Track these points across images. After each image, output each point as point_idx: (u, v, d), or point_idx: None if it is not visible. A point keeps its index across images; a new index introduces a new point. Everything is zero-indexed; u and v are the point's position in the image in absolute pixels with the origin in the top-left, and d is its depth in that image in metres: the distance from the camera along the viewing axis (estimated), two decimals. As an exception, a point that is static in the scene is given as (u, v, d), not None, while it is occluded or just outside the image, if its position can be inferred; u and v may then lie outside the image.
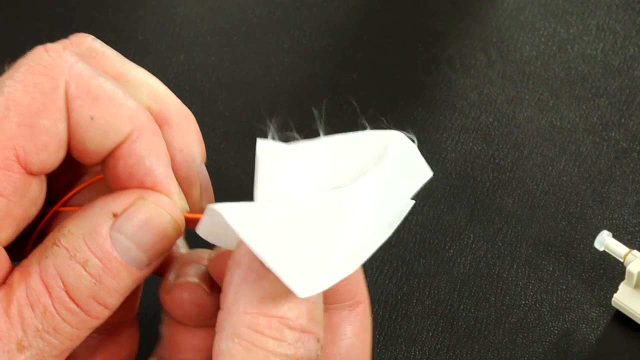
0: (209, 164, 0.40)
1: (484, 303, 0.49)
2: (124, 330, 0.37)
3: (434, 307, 0.49)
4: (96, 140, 0.34)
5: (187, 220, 0.36)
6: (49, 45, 0.33)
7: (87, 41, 0.36)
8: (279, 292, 0.30)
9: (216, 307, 0.32)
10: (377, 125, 0.33)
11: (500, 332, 0.48)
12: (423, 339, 0.47)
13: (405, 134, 0.32)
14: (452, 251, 0.51)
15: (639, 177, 0.54)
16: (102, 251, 0.32)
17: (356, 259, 0.30)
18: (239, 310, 0.30)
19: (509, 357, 0.47)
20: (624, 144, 0.56)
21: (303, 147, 0.33)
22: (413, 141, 0.32)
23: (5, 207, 0.32)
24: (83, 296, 0.32)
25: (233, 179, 0.55)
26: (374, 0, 0.66)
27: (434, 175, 0.39)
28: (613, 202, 0.53)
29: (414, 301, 0.49)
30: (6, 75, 0.33)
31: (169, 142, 0.36)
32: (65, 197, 0.36)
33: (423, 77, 0.60)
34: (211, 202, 0.37)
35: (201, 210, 0.36)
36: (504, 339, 0.47)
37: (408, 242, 0.51)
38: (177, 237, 0.34)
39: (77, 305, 0.32)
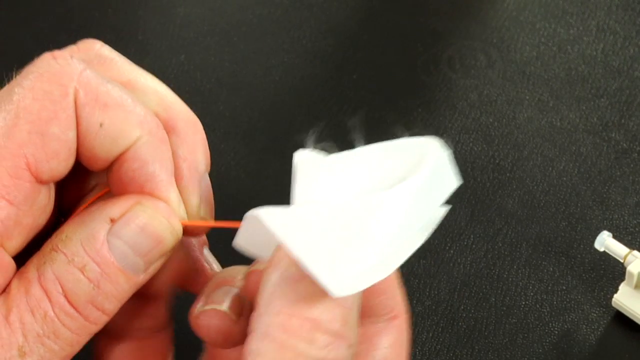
0: (208, 164, 0.40)
1: (484, 303, 0.49)
2: (156, 335, 0.37)
3: (434, 307, 0.49)
4: (105, 146, 0.34)
5: (186, 229, 0.36)
6: (57, 53, 0.34)
7: (95, 47, 0.36)
8: (315, 295, 0.29)
9: (245, 332, 0.31)
10: (381, 127, 0.34)
11: (501, 332, 0.48)
12: (423, 339, 0.47)
13: (439, 141, 0.32)
14: (452, 252, 0.51)
15: (639, 178, 0.54)
16: (99, 256, 0.32)
17: (391, 263, 0.30)
18: (272, 312, 0.29)
19: (509, 357, 0.47)
20: (624, 145, 0.56)
21: (340, 157, 0.33)
22: (446, 149, 0.32)
23: (15, 217, 0.32)
24: (81, 301, 0.32)
25: (233, 179, 0.55)
26: (374, 1, 0.66)
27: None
28: (613, 203, 0.53)
29: (414, 302, 0.49)
30: (14, 82, 0.33)
31: (174, 150, 0.36)
32: (79, 210, 0.36)
33: (423, 77, 0.60)
34: (211, 212, 0.37)
35: (199, 220, 0.36)
36: (504, 339, 0.47)
37: (408, 242, 0.51)
38: (175, 243, 0.34)
39: (76, 310, 0.32)
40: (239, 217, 0.43)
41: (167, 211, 0.34)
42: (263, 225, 0.29)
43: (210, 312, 0.34)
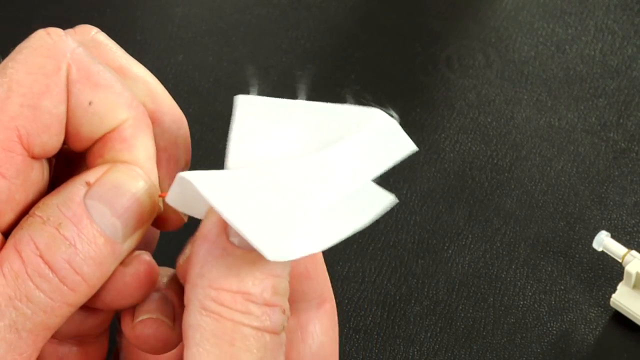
0: (207, 165, 0.40)
1: (482, 303, 0.49)
2: (95, 340, 0.37)
3: (432, 307, 0.49)
4: (92, 125, 0.34)
5: (161, 220, 0.35)
6: (51, 29, 0.34)
7: (91, 32, 0.37)
8: (243, 268, 0.30)
9: (180, 337, 0.32)
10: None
11: (499, 332, 0.48)
12: (421, 339, 0.47)
13: (385, 111, 0.32)
14: (450, 251, 0.51)
15: (637, 178, 0.54)
16: (75, 216, 0.32)
17: (330, 236, 0.30)
18: (205, 285, 0.30)
19: (508, 357, 0.47)
20: (623, 145, 0.56)
21: (282, 106, 0.32)
22: (393, 117, 0.32)
23: (7, 190, 0.32)
24: (57, 259, 0.31)
25: (231, 179, 0.55)
26: (372, 1, 0.66)
27: (431, 175, 0.39)
28: (611, 203, 0.53)
29: (413, 301, 0.49)
30: (8, 57, 0.33)
31: (156, 140, 0.36)
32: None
33: (421, 77, 0.60)
34: None
35: (172, 212, 0.36)
36: (503, 339, 0.47)
37: (406, 242, 0.51)
38: (152, 208, 0.34)
39: (51, 269, 0.31)
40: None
41: (142, 173, 0.34)
42: (196, 189, 0.29)
43: (146, 321, 0.34)
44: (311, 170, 0.30)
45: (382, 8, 0.65)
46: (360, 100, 0.35)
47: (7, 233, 0.33)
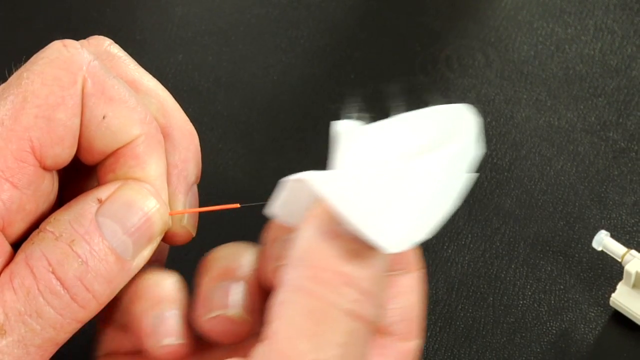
0: (206, 164, 0.40)
1: (481, 303, 0.49)
2: None
3: (431, 307, 0.49)
4: (105, 139, 0.34)
5: (168, 237, 0.35)
6: (67, 41, 0.34)
7: (104, 44, 0.37)
8: (349, 253, 0.29)
9: (260, 323, 0.31)
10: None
11: (498, 332, 0.48)
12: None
13: (470, 108, 0.34)
14: (450, 251, 0.51)
15: (637, 177, 0.54)
16: (88, 233, 0.32)
17: (431, 223, 0.31)
18: (305, 265, 0.29)
19: (507, 356, 0.47)
20: (622, 144, 0.56)
21: (377, 125, 0.34)
22: (476, 116, 0.34)
23: (18, 200, 0.32)
24: (69, 276, 0.31)
25: (230, 178, 0.55)
26: (372, 0, 0.66)
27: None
28: (611, 202, 0.53)
29: (412, 301, 0.49)
30: (23, 67, 0.33)
31: (167, 156, 0.36)
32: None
33: (421, 76, 0.60)
34: (194, 224, 0.37)
35: (181, 229, 0.36)
36: (502, 338, 0.47)
37: (406, 242, 0.51)
38: (162, 226, 0.34)
39: (63, 285, 0.31)
40: (238, 217, 0.43)
41: (154, 191, 0.34)
42: (300, 193, 0.30)
43: (219, 318, 0.33)
44: (414, 172, 0.31)
45: (382, 7, 0.65)
46: (360, 101, 0.35)
47: (15, 244, 0.33)
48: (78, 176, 0.37)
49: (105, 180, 0.35)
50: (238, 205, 0.37)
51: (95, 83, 0.33)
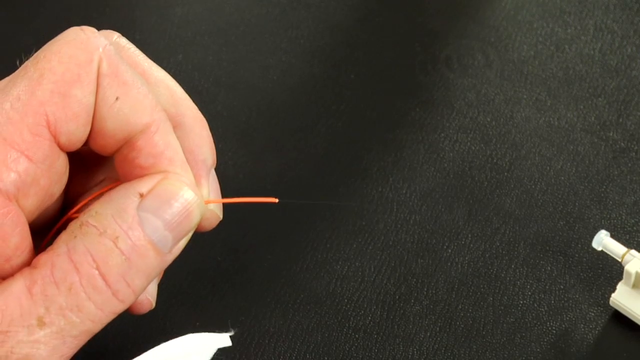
0: (206, 164, 0.40)
1: (481, 303, 0.49)
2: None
3: (431, 307, 0.49)
4: (117, 122, 0.34)
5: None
6: (84, 27, 0.34)
7: (113, 37, 0.37)
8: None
9: None
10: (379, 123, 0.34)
11: (498, 332, 0.48)
12: (421, 338, 0.47)
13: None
14: (450, 251, 0.51)
15: (637, 177, 0.54)
16: (131, 229, 0.32)
17: None
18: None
19: (507, 356, 0.47)
20: (622, 144, 0.56)
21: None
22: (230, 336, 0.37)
23: (33, 174, 0.32)
24: (113, 273, 0.32)
25: (230, 178, 0.55)
26: (372, 0, 0.66)
27: (431, 175, 0.39)
28: (611, 202, 0.53)
29: (412, 301, 0.49)
30: (41, 49, 0.34)
31: (180, 143, 0.36)
32: (82, 203, 0.36)
33: (420, 76, 0.60)
34: (219, 206, 0.38)
35: (211, 212, 0.36)
36: (502, 338, 0.47)
37: (406, 242, 0.51)
38: (199, 218, 0.34)
39: (106, 282, 0.32)
40: (238, 217, 0.43)
41: (193, 185, 0.35)
42: None
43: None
44: None
45: (382, 7, 0.65)
46: (360, 100, 0.35)
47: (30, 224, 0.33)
48: (84, 168, 0.37)
49: (126, 176, 0.35)
50: (276, 200, 0.37)
51: (110, 64, 0.34)
